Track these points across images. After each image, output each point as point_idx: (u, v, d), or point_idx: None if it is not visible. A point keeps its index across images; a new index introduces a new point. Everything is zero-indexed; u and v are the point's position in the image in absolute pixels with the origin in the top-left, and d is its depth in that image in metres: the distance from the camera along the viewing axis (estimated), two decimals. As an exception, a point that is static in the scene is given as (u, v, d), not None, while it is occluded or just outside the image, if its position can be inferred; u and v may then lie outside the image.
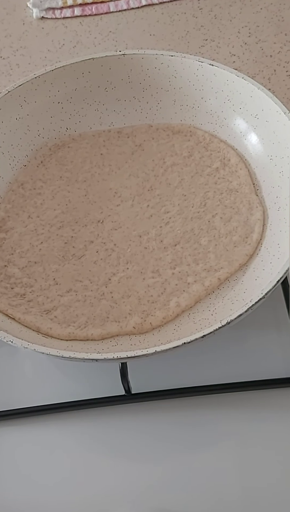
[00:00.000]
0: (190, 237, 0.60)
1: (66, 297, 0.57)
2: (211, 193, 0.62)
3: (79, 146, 0.66)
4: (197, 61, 0.64)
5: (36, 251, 0.60)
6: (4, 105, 0.63)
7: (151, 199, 0.62)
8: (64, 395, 0.57)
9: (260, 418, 0.55)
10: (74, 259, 0.59)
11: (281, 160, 0.61)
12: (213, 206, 0.61)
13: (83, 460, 0.55)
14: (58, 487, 0.54)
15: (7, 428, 0.57)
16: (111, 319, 0.56)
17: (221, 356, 0.58)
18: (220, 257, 0.58)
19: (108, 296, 0.57)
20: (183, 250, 0.59)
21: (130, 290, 0.57)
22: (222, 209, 0.61)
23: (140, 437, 0.56)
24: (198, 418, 0.56)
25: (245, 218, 0.60)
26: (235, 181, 0.62)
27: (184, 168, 0.64)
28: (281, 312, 0.60)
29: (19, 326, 0.55)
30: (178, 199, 0.62)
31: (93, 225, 0.61)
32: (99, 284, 0.58)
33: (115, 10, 0.82)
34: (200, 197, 0.62)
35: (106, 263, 0.59)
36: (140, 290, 0.57)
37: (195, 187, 0.62)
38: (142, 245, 0.60)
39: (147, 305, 0.56)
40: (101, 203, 0.63)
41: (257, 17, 0.79)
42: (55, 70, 0.65)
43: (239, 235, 0.59)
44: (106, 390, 0.57)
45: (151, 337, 0.55)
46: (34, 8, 0.82)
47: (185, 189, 0.62)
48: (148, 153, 0.65)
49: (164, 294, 0.57)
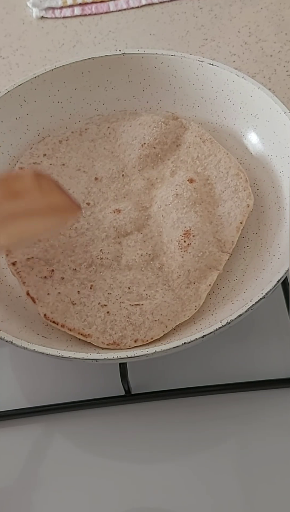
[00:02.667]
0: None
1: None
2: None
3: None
4: (197, 61, 0.64)
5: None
6: (3, 104, 0.63)
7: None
8: (64, 395, 0.57)
9: (260, 418, 0.55)
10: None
11: (281, 160, 0.61)
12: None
13: (83, 460, 0.55)
14: (58, 487, 0.54)
15: (7, 428, 0.57)
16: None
17: (221, 356, 0.58)
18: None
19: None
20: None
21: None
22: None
23: (140, 437, 0.56)
24: (198, 418, 0.56)
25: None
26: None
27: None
28: (281, 312, 0.60)
29: (19, 326, 0.55)
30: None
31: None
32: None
33: (115, 9, 0.82)
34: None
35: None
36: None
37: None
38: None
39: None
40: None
41: (257, 17, 0.79)
42: (54, 70, 0.65)
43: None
44: (106, 390, 0.57)
45: (151, 337, 0.55)
46: (34, 8, 0.82)
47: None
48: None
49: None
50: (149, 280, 0.57)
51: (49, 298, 0.56)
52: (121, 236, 0.59)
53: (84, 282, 0.57)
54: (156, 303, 0.55)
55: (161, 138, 0.63)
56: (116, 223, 0.59)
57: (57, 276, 0.57)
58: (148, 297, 0.56)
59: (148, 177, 0.62)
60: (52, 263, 0.58)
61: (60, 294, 0.56)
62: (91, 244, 0.59)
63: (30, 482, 0.55)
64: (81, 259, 0.58)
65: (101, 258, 0.58)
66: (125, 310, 0.55)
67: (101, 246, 0.58)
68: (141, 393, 0.56)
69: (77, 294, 0.56)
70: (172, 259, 0.57)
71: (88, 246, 0.59)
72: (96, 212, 0.61)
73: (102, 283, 0.57)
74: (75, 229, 0.59)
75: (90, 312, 0.55)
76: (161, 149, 0.63)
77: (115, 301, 0.56)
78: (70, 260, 0.58)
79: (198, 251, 0.57)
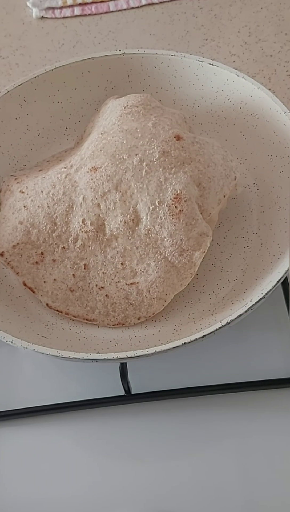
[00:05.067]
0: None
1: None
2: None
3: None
4: (197, 61, 0.64)
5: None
6: (3, 104, 0.63)
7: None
8: (64, 395, 0.57)
9: (260, 419, 0.55)
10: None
11: (281, 160, 0.61)
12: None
13: (83, 460, 0.55)
14: (58, 487, 0.54)
15: (7, 428, 0.57)
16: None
17: (221, 356, 0.58)
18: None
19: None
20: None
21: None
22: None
23: (140, 437, 0.56)
24: (198, 418, 0.56)
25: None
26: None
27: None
28: (281, 312, 0.60)
29: (19, 326, 0.55)
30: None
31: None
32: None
33: (115, 9, 0.82)
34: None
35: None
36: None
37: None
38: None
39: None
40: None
41: (257, 17, 0.79)
42: (54, 70, 0.65)
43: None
44: (106, 390, 0.57)
45: (151, 337, 0.55)
46: (34, 8, 0.82)
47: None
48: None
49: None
50: (139, 250, 0.56)
51: (46, 286, 0.56)
52: (99, 196, 0.56)
53: (76, 261, 0.56)
54: (151, 279, 0.55)
55: (145, 102, 0.61)
56: (92, 184, 0.56)
57: (48, 259, 0.57)
58: (142, 273, 0.56)
59: (127, 128, 0.58)
60: (39, 244, 0.57)
61: (56, 281, 0.56)
62: (71, 212, 0.57)
63: (30, 482, 0.55)
64: (66, 233, 0.57)
65: (86, 231, 0.56)
66: (122, 291, 0.56)
67: (81, 213, 0.56)
68: (141, 393, 0.56)
69: (73, 278, 0.56)
70: (161, 225, 0.55)
71: (68, 215, 0.57)
72: (72, 173, 0.58)
73: (94, 260, 0.56)
74: (52, 196, 0.58)
75: (90, 297, 0.56)
76: (144, 108, 0.60)
77: (111, 282, 0.56)
78: (55, 236, 0.57)
79: (190, 218, 0.55)
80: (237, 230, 0.61)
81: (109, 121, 0.60)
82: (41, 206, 0.57)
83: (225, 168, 0.58)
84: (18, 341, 0.52)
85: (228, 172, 0.58)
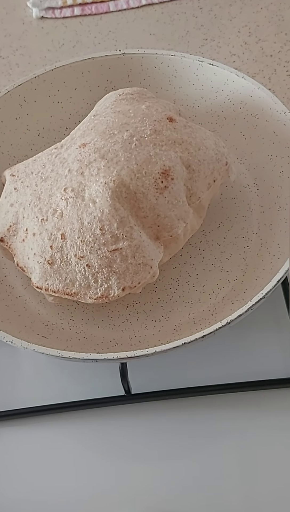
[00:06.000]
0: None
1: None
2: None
3: None
4: (197, 61, 0.64)
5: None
6: (3, 104, 0.63)
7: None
8: (64, 395, 0.57)
9: (260, 419, 0.55)
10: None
11: (281, 160, 0.61)
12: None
13: (83, 460, 0.55)
14: (58, 487, 0.54)
15: (7, 428, 0.57)
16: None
17: (221, 356, 0.58)
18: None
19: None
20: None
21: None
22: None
23: (140, 437, 0.56)
24: (198, 418, 0.56)
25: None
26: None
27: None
28: (281, 312, 0.60)
29: (19, 326, 0.55)
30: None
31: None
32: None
33: (115, 9, 0.82)
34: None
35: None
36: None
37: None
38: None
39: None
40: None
41: (257, 17, 0.79)
42: (54, 70, 0.65)
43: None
44: (106, 390, 0.57)
45: (151, 337, 0.55)
46: (34, 8, 0.82)
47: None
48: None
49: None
50: (119, 212, 0.52)
51: (30, 262, 0.54)
52: (84, 166, 0.54)
53: (54, 232, 0.53)
54: (135, 244, 0.52)
55: (141, 92, 0.60)
56: (80, 157, 0.54)
57: (30, 234, 0.54)
58: (125, 238, 0.52)
59: (120, 110, 0.57)
60: (25, 222, 0.55)
61: (36, 255, 0.54)
62: (55, 185, 0.54)
63: (30, 482, 0.55)
64: (47, 205, 0.54)
65: (66, 199, 0.53)
66: (104, 259, 0.52)
67: (64, 184, 0.54)
68: (141, 393, 0.56)
69: (50, 250, 0.53)
70: (143, 195, 0.53)
71: (52, 188, 0.54)
72: (62, 152, 0.56)
73: (71, 228, 0.53)
74: (40, 175, 0.56)
75: (68, 268, 0.53)
76: (139, 96, 0.59)
77: (91, 250, 0.52)
78: (36, 210, 0.54)
79: (173, 198, 0.53)
80: (237, 230, 0.61)
81: (103, 105, 0.59)
82: (30, 185, 0.56)
83: (216, 152, 0.57)
84: (18, 341, 0.52)
85: (219, 156, 0.57)
